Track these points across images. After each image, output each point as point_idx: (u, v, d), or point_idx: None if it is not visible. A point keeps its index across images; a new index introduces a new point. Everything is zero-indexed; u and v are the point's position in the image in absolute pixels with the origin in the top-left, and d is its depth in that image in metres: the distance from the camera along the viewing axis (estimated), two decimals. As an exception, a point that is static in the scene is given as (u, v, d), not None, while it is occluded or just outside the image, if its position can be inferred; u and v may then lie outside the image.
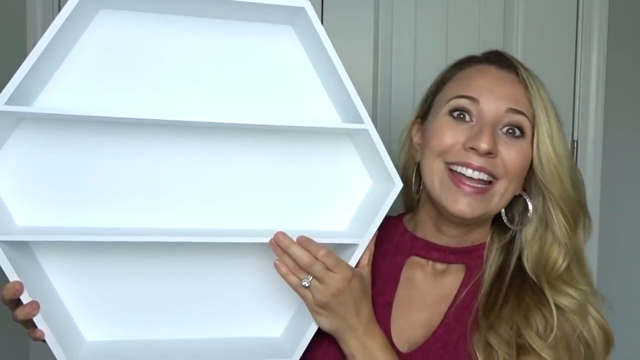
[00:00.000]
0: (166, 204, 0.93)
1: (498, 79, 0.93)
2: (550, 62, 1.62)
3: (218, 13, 0.91)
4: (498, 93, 0.91)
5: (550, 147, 0.91)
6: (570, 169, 0.93)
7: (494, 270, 0.95)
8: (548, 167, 0.91)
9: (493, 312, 0.89)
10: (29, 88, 0.85)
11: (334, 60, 0.88)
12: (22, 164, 0.89)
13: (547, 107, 0.92)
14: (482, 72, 0.94)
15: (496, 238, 0.98)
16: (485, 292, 0.93)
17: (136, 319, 0.95)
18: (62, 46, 0.86)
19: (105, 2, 0.88)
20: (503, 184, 0.91)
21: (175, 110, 0.90)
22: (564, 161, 0.92)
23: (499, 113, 0.91)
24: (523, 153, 0.91)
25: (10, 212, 0.89)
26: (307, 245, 0.85)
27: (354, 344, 0.88)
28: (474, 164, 0.89)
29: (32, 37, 1.33)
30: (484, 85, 0.92)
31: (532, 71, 0.95)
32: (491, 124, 0.90)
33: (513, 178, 0.92)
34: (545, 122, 0.91)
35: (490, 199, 0.91)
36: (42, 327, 0.83)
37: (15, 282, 0.82)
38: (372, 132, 0.89)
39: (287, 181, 0.97)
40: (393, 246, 1.02)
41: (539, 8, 1.64)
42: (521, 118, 0.91)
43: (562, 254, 0.92)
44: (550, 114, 0.92)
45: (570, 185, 0.93)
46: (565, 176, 0.92)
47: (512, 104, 0.91)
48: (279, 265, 0.86)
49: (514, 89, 0.92)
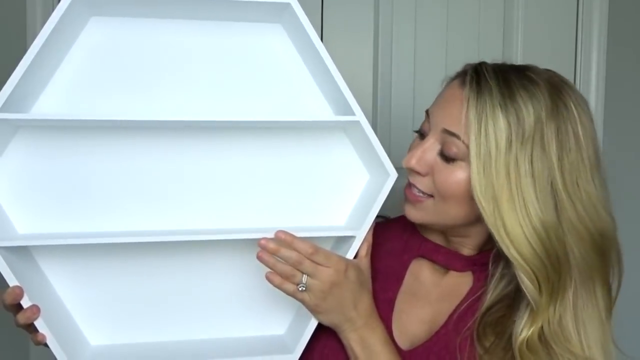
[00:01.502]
0: (165, 204, 0.94)
1: (451, 96, 0.87)
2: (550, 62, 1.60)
3: (207, 15, 0.92)
4: (442, 111, 0.87)
5: (478, 179, 0.81)
6: (530, 214, 0.79)
7: (495, 295, 0.89)
8: (479, 204, 0.81)
9: (487, 337, 0.86)
10: (25, 96, 0.86)
11: (322, 53, 0.88)
12: (20, 171, 0.90)
13: (488, 131, 0.80)
14: (447, 88, 0.90)
15: (502, 262, 0.89)
16: (482, 312, 0.89)
17: (140, 320, 0.96)
18: (55, 53, 0.88)
19: (96, 9, 0.90)
20: (435, 202, 0.89)
21: (171, 111, 0.91)
22: (506, 201, 0.79)
23: (437, 132, 0.87)
24: (454, 177, 0.85)
25: (10, 219, 0.90)
26: (294, 244, 0.84)
27: (353, 337, 0.88)
28: (410, 180, 0.92)
29: (32, 40, 1.33)
30: (437, 102, 0.90)
31: (502, 87, 0.82)
32: (427, 142, 0.88)
33: (447, 198, 0.87)
34: (480, 148, 0.80)
35: (426, 210, 0.90)
36: (43, 331, 0.84)
37: (15, 287, 0.82)
38: (363, 123, 0.89)
39: (285, 177, 0.97)
40: (402, 244, 1.01)
41: (539, 8, 1.65)
42: (454, 141, 0.84)
43: (528, 322, 0.82)
44: (491, 141, 0.80)
45: (522, 236, 0.80)
46: (513, 223, 0.80)
47: (448, 124, 0.85)
48: (271, 277, 0.86)
49: (456, 109, 0.84)
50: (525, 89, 0.82)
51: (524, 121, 0.80)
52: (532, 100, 0.82)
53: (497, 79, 0.83)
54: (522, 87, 0.82)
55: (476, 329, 0.88)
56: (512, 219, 0.80)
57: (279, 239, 0.85)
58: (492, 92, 0.82)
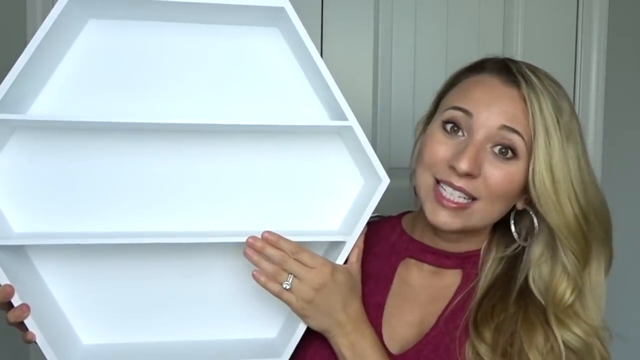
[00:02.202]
0: (159, 206, 0.94)
1: (498, 94, 0.87)
2: (550, 62, 1.60)
3: (204, 18, 0.93)
4: (493, 109, 0.86)
5: (546, 174, 0.84)
6: (579, 200, 0.86)
7: (489, 280, 0.92)
8: (543, 195, 0.85)
9: (484, 323, 0.88)
10: (22, 96, 0.87)
11: (314, 58, 0.88)
12: (17, 171, 0.91)
13: (549, 129, 0.84)
14: (482, 85, 0.89)
15: (494, 247, 0.95)
16: (477, 300, 0.91)
17: (133, 321, 0.96)
18: (53, 54, 0.89)
19: (94, 12, 0.90)
20: (483, 204, 0.87)
21: (167, 114, 0.92)
22: (564, 190, 0.85)
23: (491, 130, 0.86)
24: (510, 176, 0.86)
25: (6, 218, 0.91)
26: (280, 244, 0.85)
27: (343, 342, 0.88)
28: (454, 183, 0.86)
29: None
30: (481, 99, 0.87)
31: (546, 85, 0.87)
32: (478, 142, 0.86)
33: (495, 199, 0.87)
34: (545, 145, 0.84)
35: (470, 215, 0.88)
36: (33, 330, 0.84)
37: (5, 285, 0.83)
38: (356, 128, 0.89)
39: (281, 181, 0.97)
40: (389, 246, 1.01)
41: (539, 8, 1.64)
42: (515, 137, 0.85)
43: (569, 288, 0.88)
44: (553, 137, 0.84)
45: (573, 218, 0.86)
46: (567, 207, 0.85)
47: (507, 121, 0.85)
48: (257, 275, 0.86)
49: (512, 106, 0.86)
50: (555, 85, 0.89)
51: (563, 115, 0.86)
52: (562, 95, 0.88)
53: (536, 77, 0.87)
54: (553, 83, 0.89)
55: (473, 318, 0.89)
56: (567, 204, 0.86)
57: (265, 239, 0.85)
58: (542, 91, 0.86)
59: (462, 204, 0.87)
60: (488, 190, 0.86)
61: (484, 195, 0.86)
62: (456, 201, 0.87)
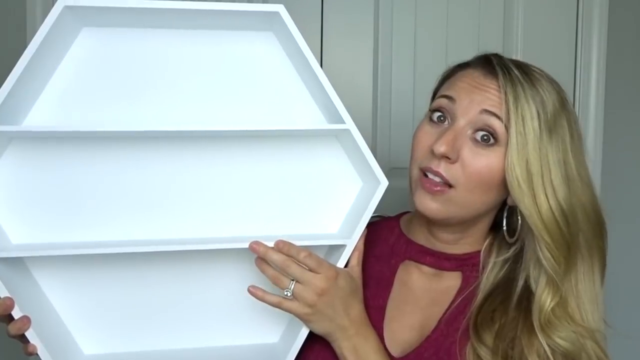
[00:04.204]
0: (157, 214, 0.94)
1: (479, 84, 0.89)
2: (550, 61, 1.60)
3: (198, 24, 0.92)
4: (475, 96, 0.88)
5: (517, 162, 0.84)
6: (557, 194, 0.85)
7: (490, 283, 0.92)
8: (514, 184, 0.85)
9: (485, 327, 0.87)
10: (17, 107, 0.86)
11: (310, 61, 0.88)
12: (14, 182, 0.91)
13: (525, 119, 0.85)
14: (466, 77, 0.91)
15: (495, 250, 0.95)
16: (478, 304, 0.90)
17: (134, 330, 0.96)
18: (47, 64, 0.88)
19: (87, 20, 0.90)
20: (459, 192, 0.87)
21: (163, 121, 0.92)
22: (539, 183, 0.85)
23: (473, 115, 0.87)
24: (489, 163, 0.86)
25: (4, 229, 0.90)
26: (287, 249, 0.85)
27: (345, 346, 0.88)
28: (432, 168, 0.87)
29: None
30: (464, 88, 0.89)
31: (531, 78, 0.88)
32: (459, 127, 0.87)
33: (473, 188, 0.87)
34: (518, 134, 0.84)
35: (449, 202, 0.88)
36: (34, 342, 0.84)
37: (5, 298, 0.83)
38: (353, 131, 0.89)
39: (279, 186, 0.97)
40: (388, 248, 1.01)
41: (539, 8, 1.64)
42: (496, 122, 0.86)
43: (550, 293, 0.86)
44: (529, 127, 0.84)
45: (549, 212, 0.85)
46: (542, 200, 0.85)
47: (488, 106, 0.86)
48: (253, 291, 0.87)
49: (493, 94, 0.87)
50: (543, 79, 0.89)
51: (547, 109, 0.86)
52: (550, 90, 0.88)
53: (519, 70, 0.88)
54: (541, 78, 0.89)
55: (473, 321, 0.88)
56: (542, 197, 0.85)
57: (278, 248, 0.85)
58: (522, 82, 0.87)
59: (439, 189, 0.87)
60: (466, 176, 0.86)
61: (462, 182, 0.86)
62: (437, 182, 0.87)
